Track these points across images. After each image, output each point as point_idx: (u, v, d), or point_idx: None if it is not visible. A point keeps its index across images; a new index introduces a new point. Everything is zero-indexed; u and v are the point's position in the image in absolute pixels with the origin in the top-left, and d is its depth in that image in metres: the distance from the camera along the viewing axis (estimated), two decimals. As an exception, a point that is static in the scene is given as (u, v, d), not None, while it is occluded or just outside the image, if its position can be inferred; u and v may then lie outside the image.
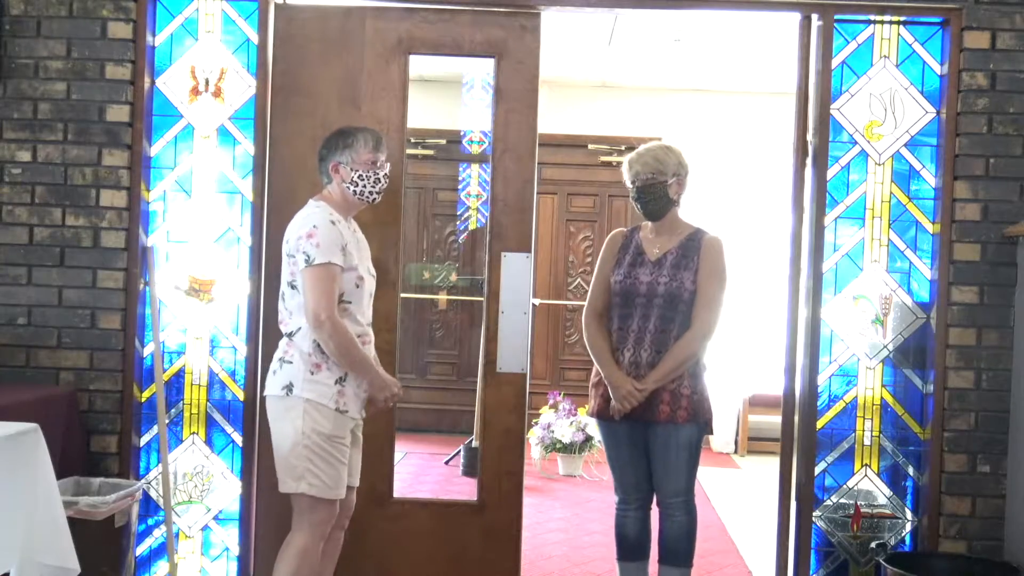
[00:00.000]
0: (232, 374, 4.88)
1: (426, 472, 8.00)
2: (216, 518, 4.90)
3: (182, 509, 4.89)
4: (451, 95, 8.82)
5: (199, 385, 4.89)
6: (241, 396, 4.85)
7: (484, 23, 4.85)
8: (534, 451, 8.11)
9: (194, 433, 4.89)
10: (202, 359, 4.89)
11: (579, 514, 7.04)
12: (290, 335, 4.03)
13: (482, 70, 7.86)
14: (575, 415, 8.11)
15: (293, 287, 4.00)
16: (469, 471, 7.66)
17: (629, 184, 4.55)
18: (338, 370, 3.99)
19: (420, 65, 6.50)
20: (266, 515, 4.83)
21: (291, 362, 3.99)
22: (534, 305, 7.05)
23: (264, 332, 4.80)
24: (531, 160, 4.86)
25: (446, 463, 8.29)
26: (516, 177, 4.85)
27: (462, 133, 8.65)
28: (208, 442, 4.90)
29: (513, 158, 4.85)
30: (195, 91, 4.88)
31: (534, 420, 8.12)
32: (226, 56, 4.89)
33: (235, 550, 4.87)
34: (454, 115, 8.77)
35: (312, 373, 3.96)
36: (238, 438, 4.86)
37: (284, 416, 3.98)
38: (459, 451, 8.10)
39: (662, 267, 4.47)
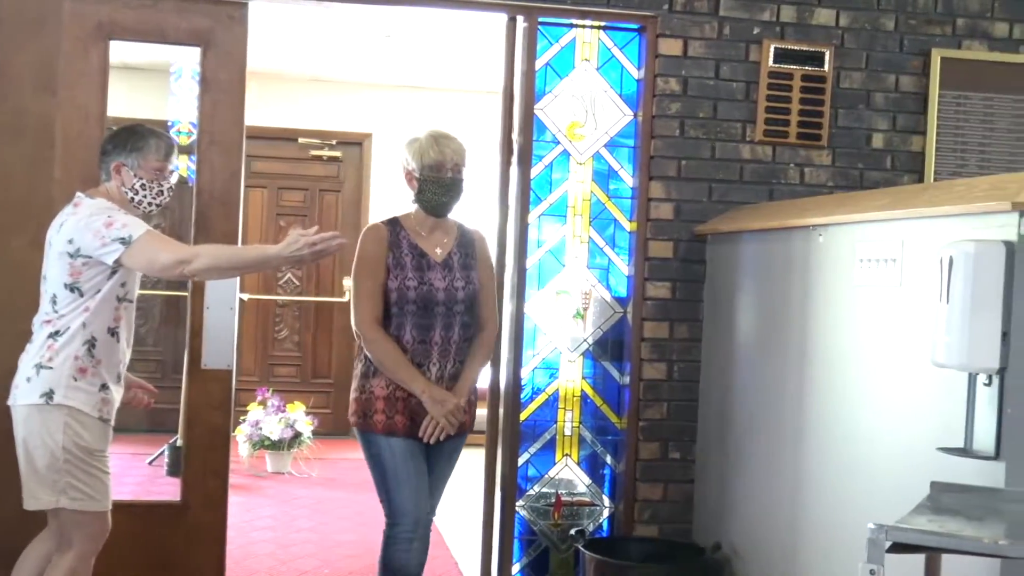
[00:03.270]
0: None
1: (128, 473, 7.72)
2: None
3: None
4: (159, 84, 8.55)
5: None
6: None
7: (189, 11, 4.72)
8: (242, 449, 7.99)
9: None
10: None
11: (288, 511, 6.97)
12: (56, 334, 3.74)
13: (191, 59, 7.65)
14: (284, 411, 8.03)
15: (74, 289, 3.75)
16: (174, 471, 7.45)
17: (431, 170, 4.07)
18: (106, 374, 3.80)
19: (125, 51, 6.27)
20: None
21: (51, 368, 3.72)
22: (242, 300, 6.87)
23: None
24: (238, 152, 4.78)
25: (149, 463, 8.04)
26: (223, 169, 4.75)
27: (169, 123, 8.40)
28: None
29: (220, 150, 4.75)
30: None
31: (242, 417, 8.00)
32: (-94, 34, 4.57)
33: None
34: (162, 105, 8.51)
35: (75, 379, 3.73)
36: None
37: (41, 428, 3.71)
38: (163, 451, 7.87)
39: (452, 269, 4.10)
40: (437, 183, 4.07)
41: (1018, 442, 2.89)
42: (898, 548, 2.35)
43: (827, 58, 5.00)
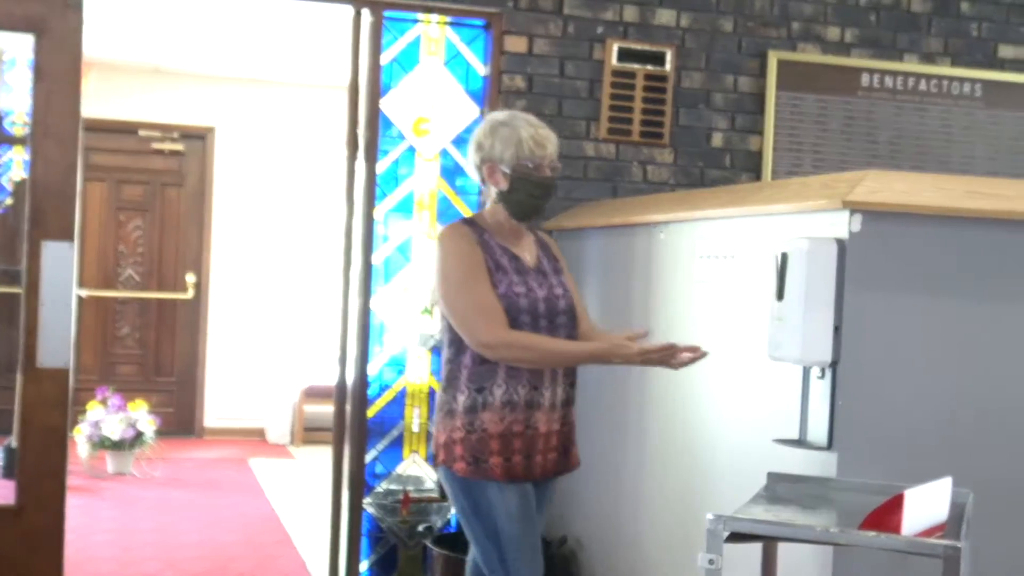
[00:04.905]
0: None
1: (-41, 476, 7.47)
2: None
3: None
4: (-11, 73, 8.27)
5: None
6: None
7: (22, -3, 4.58)
8: (81, 449, 7.77)
9: None
10: None
11: (129, 512, 6.82)
12: None
13: (25, 47, 7.41)
14: (125, 410, 7.84)
15: None
16: (8, 473, 7.21)
17: (529, 167, 3.36)
18: None
19: (-48, 39, 6.07)
20: None
21: None
22: (80, 296, 6.70)
23: None
24: (74, 144, 4.64)
25: (-18, 466, 7.78)
26: (58, 162, 4.61)
27: (3, 114, 8.13)
28: None
29: (55, 142, 4.61)
30: None
31: (81, 417, 7.79)
32: None
33: None
34: (-6, 94, 8.23)
35: None
36: None
37: None
38: (-3, 452, 7.62)
39: (546, 276, 3.48)
40: (536, 182, 3.37)
41: (849, 433, 2.99)
42: (736, 537, 2.41)
43: (668, 58, 5.11)
